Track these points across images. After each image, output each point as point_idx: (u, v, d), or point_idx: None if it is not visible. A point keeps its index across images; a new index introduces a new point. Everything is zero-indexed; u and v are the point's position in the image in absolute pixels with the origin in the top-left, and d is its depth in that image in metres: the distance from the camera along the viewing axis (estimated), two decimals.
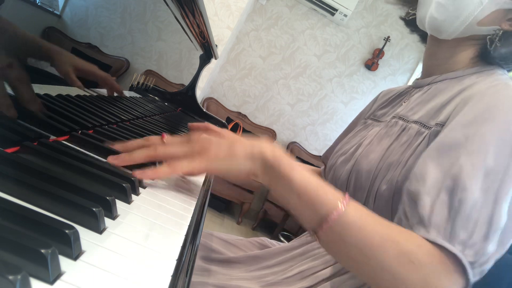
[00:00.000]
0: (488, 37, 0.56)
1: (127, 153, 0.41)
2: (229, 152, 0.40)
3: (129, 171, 0.39)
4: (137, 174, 0.38)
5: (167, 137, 0.42)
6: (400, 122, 0.60)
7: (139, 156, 0.40)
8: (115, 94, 0.78)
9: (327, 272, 0.61)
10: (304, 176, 0.41)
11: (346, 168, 0.63)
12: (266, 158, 0.41)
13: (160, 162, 0.42)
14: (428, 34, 0.64)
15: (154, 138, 0.44)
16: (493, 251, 0.40)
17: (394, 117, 0.63)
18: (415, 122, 0.57)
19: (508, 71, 0.59)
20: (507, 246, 0.42)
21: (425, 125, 0.55)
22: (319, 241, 0.42)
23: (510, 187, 0.42)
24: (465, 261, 0.38)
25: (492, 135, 0.43)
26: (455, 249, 0.39)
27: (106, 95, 0.75)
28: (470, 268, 0.39)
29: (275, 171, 0.41)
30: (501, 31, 0.55)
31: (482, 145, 0.43)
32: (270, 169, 0.41)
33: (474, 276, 0.40)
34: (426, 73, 0.66)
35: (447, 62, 0.61)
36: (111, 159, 0.40)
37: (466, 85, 0.55)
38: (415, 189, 0.44)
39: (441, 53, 0.62)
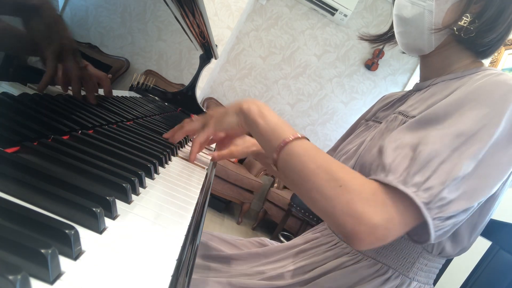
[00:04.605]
0: (456, 28, 0.57)
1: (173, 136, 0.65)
2: (224, 113, 0.56)
3: (129, 172, 0.39)
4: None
5: (194, 116, 0.62)
6: (400, 117, 0.61)
7: (178, 136, 0.64)
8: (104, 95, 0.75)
9: (328, 266, 0.63)
10: (269, 120, 0.52)
11: (349, 164, 0.64)
12: (242, 109, 0.54)
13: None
14: None
15: (187, 120, 0.64)
16: (453, 198, 0.43)
17: (394, 113, 0.64)
18: (414, 117, 0.58)
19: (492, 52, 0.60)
20: (474, 202, 0.44)
21: None
22: (277, 169, 0.50)
23: (479, 147, 0.44)
24: (418, 201, 0.42)
25: (471, 112, 0.45)
26: (408, 190, 0.42)
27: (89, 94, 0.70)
28: (425, 208, 0.42)
29: (248, 118, 0.54)
30: (469, 16, 0.55)
31: (457, 120, 0.45)
32: (246, 117, 0.54)
33: (432, 219, 0.42)
34: (424, 79, 0.68)
35: (443, 67, 0.63)
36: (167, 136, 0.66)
37: (465, 82, 0.56)
38: (386, 144, 0.48)
39: (434, 62, 0.64)
